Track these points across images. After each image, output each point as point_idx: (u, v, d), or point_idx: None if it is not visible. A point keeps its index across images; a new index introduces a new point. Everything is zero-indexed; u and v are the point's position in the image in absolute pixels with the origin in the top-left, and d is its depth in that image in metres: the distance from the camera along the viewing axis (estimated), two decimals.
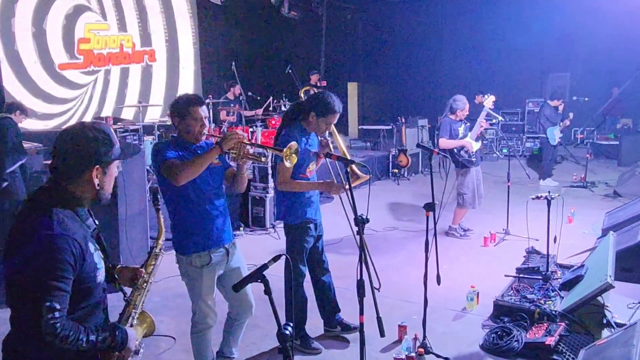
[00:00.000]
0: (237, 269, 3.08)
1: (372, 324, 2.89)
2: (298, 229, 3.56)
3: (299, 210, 3.53)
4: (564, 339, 3.31)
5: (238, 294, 2.85)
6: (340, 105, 3.51)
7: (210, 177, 2.91)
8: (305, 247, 3.59)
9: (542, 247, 4.74)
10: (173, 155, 2.79)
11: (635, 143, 11.66)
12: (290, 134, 3.43)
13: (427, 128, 11.28)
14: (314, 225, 3.61)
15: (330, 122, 3.48)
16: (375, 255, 5.44)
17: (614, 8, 11.90)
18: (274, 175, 3.63)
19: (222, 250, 2.97)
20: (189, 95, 2.94)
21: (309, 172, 3.51)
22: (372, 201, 3.06)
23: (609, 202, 7.64)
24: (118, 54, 9.43)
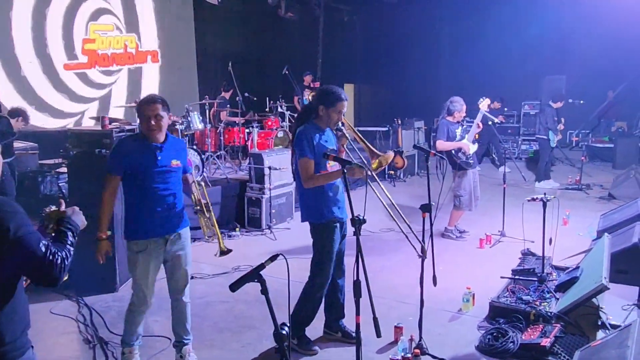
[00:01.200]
0: (177, 257, 3.31)
1: (368, 325, 2.89)
2: (325, 229, 3.52)
3: (324, 209, 3.50)
4: (559, 340, 3.32)
5: (174, 278, 3.34)
6: (345, 94, 3.53)
7: (160, 177, 3.17)
8: (333, 248, 3.56)
9: (538, 249, 4.76)
10: (118, 168, 3.16)
11: (630, 146, 11.73)
12: (305, 131, 3.46)
13: (423, 130, 11.30)
14: (340, 225, 3.58)
15: (340, 111, 3.47)
16: (372, 256, 5.48)
17: (610, 12, 11.97)
18: (296, 178, 3.61)
19: (160, 239, 3.22)
20: (146, 95, 3.26)
21: (329, 167, 3.47)
22: (369, 202, 3.06)
23: (604, 205, 7.67)
24: (122, 54, 9.51)
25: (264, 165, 6.75)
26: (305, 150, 3.40)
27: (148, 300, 3.28)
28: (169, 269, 3.35)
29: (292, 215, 7.24)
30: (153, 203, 3.15)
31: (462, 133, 6.07)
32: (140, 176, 3.13)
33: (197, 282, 5.00)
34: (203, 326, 4.04)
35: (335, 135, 3.58)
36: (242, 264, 5.29)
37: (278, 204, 6.97)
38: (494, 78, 12.75)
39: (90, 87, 9.18)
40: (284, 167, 7.06)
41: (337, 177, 3.40)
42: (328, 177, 3.41)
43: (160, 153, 3.17)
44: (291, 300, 3.23)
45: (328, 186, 3.46)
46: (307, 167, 3.39)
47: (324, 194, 3.48)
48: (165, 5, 10.36)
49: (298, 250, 5.79)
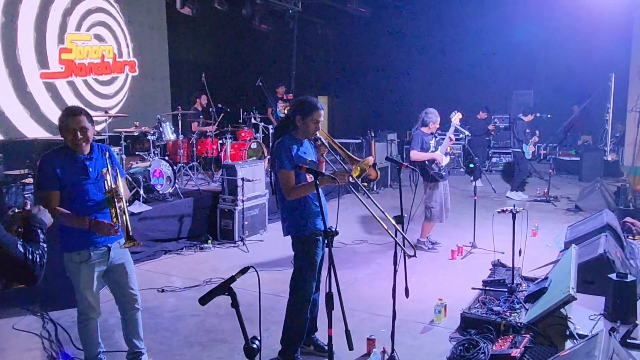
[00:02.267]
0: (121, 265, 3.29)
1: (341, 338, 2.87)
2: (307, 242, 3.48)
3: (307, 221, 3.46)
4: (529, 351, 3.35)
5: (120, 287, 3.29)
6: (321, 103, 3.54)
7: (94, 188, 3.14)
8: (316, 261, 3.52)
9: (508, 260, 4.83)
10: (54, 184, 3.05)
11: (595, 159, 12.06)
12: (282, 143, 3.44)
13: (396, 142, 11.42)
14: (322, 238, 3.53)
15: (317, 120, 3.46)
16: (345, 268, 5.48)
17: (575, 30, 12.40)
18: (275, 192, 3.57)
19: (103, 248, 3.17)
20: (67, 107, 3.18)
21: (309, 178, 3.43)
22: (342, 214, 3.06)
23: (571, 216, 7.85)
24: (99, 64, 9.42)
25: (237, 176, 6.70)
26: (284, 162, 3.38)
27: (96, 307, 3.21)
28: (115, 278, 3.30)
29: (265, 227, 7.19)
30: (91, 214, 3.09)
31: (435, 145, 6.16)
32: (74, 190, 3.07)
33: (168, 296, 4.91)
34: (173, 341, 3.96)
35: (314, 145, 3.58)
36: (213, 277, 5.21)
37: (251, 216, 6.91)
38: (465, 92, 13.03)
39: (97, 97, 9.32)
40: (257, 179, 7.03)
41: (321, 186, 3.36)
42: (309, 187, 3.38)
43: (90, 163, 3.13)
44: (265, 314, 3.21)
45: (310, 197, 3.44)
46: (287, 179, 3.37)
47: (306, 205, 3.45)
48: (138, 15, 10.26)
49: (271, 262, 5.75)
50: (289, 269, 5.24)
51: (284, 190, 3.41)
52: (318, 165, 3.56)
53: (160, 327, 4.17)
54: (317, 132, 3.48)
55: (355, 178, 3.39)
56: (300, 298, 3.50)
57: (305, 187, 3.37)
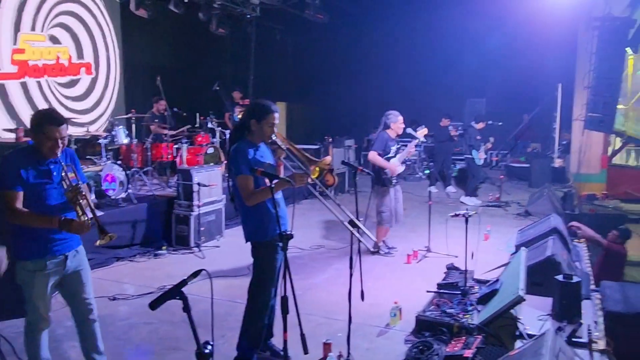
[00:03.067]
0: (76, 273, 3.15)
1: (296, 342, 2.86)
2: (268, 247, 3.44)
3: (268, 227, 3.41)
4: (481, 351, 3.44)
5: (74, 297, 3.14)
6: (276, 106, 3.52)
7: (57, 193, 2.99)
8: (275, 267, 3.48)
9: (461, 263, 4.94)
10: (17, 183, 2.87)
11: (544, 166, 12.55)
12: (239, 148, 3.40)
13: (353, 148, 11.52)
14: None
15: (272, 123, 3.45)
16: (303, 273, 5.47)
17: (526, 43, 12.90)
18: (234, 199, 3.52)
19: (60, 257, 3.03)
20: (47, 112, 3.05)
21: (268, 182, 3.41)
22: (299, 220, 3.08)
23: (521, 221, 8.11)
24: (54, 65, 9.08)
25: (193, 181, 6.59)
26: (242, 167, 3.35)
27: (46, 317, 3.07)
28: (69, 288, 3.15)
29: (222, 233, 7.10)
30: None
31: (396, 151, 6.25)
32: (36, 193, 2.92)
33: (120, 304, 4.77)
34: (125, 350, 3.85)
35: (271, 149, 3.56)
36: (168, 284, 5.09)
37: (207, 222, 6.81)
38: (421, 99, 13.30)
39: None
40: (214, 184, 6.94)
41: (278, 189, 3.33)
42: (268, 192, 3.31)
43: (55, 167, 2.99)
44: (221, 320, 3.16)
45: (270, 203, 3.41)
46: (246, 184, 3.34)
47: (266, 210, 3.42)
48: (92, 16, 9.99)
49: (228, 268, 5.68)
50: (245, 275, 5.21)
51: (242, 196, 3.37)
52: (276, 169, 3.55)
53: (112, 336, 4.04)
54: (273, 135, 3.47)
55: (314, 179, 3.40)
56: (258, 304, 3.47)
57: (264, 192, 3.34)
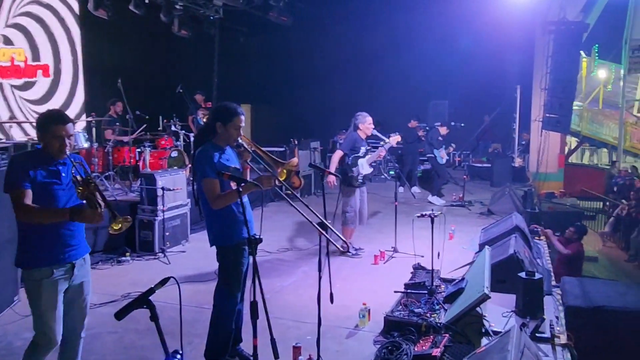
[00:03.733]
0: (80, 285, 3.04)
1: (266, 347, 2.84)
2: (233, 251, 3.39)
3: (234, 231, 3.36)
4: (449, 349, 3.49)
5: (71, 311, 2.96)
6: (242, 109, 3.49)
7: (65, 196, 2.90)
8: (241, 271, 3.44)
9: (427, 263, 5.01)
10: (26, 181, 2.77)
11: (505, 166, 12.89)
12: (204, 152, 3.35)
13: (319, 150, 11.54)
14: (248, 247, 3.42)
15: (238, 126, 3.41)
16: (270, 277, 5.43)
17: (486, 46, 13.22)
18: (198, 202, 3.46)
19: (67, 265, 2.92)
20: (52, 112, 2.96)
21: (233, 186, 3.34)
22: (266, 223, 3.06)
23: (484, 220, 8.29)
24: (9, 67, 8.74)
25: (157, 185, 6.46)
26: (207, 170, 3.29)
27: (57, 337, 2.89)
28: (69, 300, 2.99)
29: (187, 238, 6.98)
30: (59, 225, 2.83)
31: (364, 152, 6.30)
32: (44, 193, 2.81)
33: None
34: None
35: (237, 152, 3.53)
36: (132, 291, 4.98)
37: (172, 226, 6.69)
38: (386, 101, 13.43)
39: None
40: (178, 188, 6.82)
41: (245, 192, 3.28)
42: (234, 195, 3.28)
43: (64, 168, 2.90)
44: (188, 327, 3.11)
45: (236, 206, 3.37)
46: (212, 187, 3.29)
47: (231, 214, 3.37)
48: (51, 17, 9.68)
49: (194, 274, 5.59)
50: (212, 280, 5.13)
51: (208, 200, 3.32)
52: (242, 172, 3.52)
53: None
54: (239, 138, 3.44)
55: (282, 181, 3.38)
56: (225, 309, 3.43)
57: (230, 195, 3.30)
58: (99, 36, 10.83)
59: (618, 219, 11.34)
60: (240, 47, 15.19)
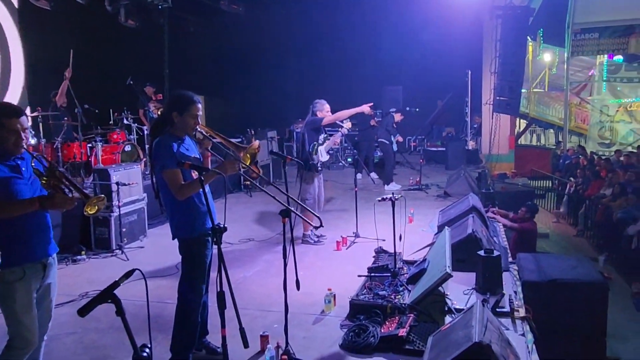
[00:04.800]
0: (48, 286, 2.96)
1: (232, 338, 2.82)
2: (196, 243, 3.33)
3: (195, 222, 3.29)
4: (414, 329, 3.55)
5: (39, 309, 2.85)
6: (197, 97, 3.41)
7: (29, 190, 2.78)
8: (205, 263, 3.38)
9: (389, 246, 5.07)
10: None
11: (459, 149, 13.20)
12: (161, 142, 3.26)
13: (276, 139, 11.47)
14: (212, 238, 3.38)
15: (195, 114, 3.34)
16: (233, 268, 5.38)
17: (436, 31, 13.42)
18: (160, 194, 3.36)
19: (38, 263, 2.84)
20: (4, 106, 2.84)
21: (194, 175, 3.27)
22: (227, 214, 3.01)
23: (441, 202, 8.48)
24: None
25: (111, 181, 6.27)
26: (167, 161, 3.21)
27: (34, 338, 2.79)
28: (37, 301, 2.87)
29: (145, 233, 6.82)
30: (27, 222, 2.72)
31: (323, 140, 6.34)
32: (6, 189, 2.68)
33: None
34: None
35: (195, 141, 3.45)
36: (90, 290, 4.83)
37: (129, 222, 6.52)
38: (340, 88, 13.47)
39: None
40: (134, 182, 6.64)
41: (210, 179, 3.22)
42: (197, 184, 3.17)
43: (23, 163, 2.79)
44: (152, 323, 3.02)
45: (197, 197, 3.30)
46: (174, 178, 3.20)
47: (193, 205, 3.30)
48: None
49: (154, 269, 5.47)
50: (173, 275, 5.06)
51: (173, 191, 3.24)
52: (203, 161, 3.45)
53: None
54: (197, 127, 3.36)
55: (247, 165, 3.34)
56: (190, 302, 3.37)
57: (194, 185, 3.22)
58: (40, 28, 10.35)
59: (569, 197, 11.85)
60: (192, 37, 14.85)
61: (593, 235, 10.53)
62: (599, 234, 10.20)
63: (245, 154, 3.43)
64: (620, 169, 11.29)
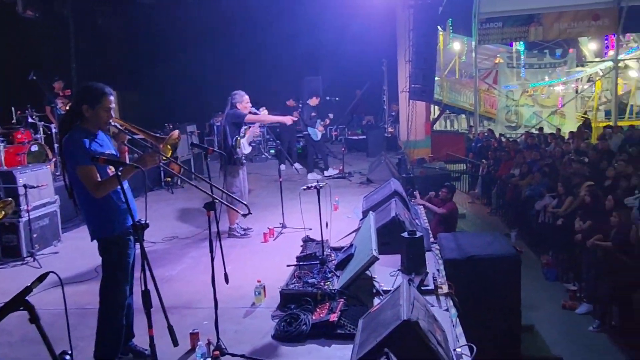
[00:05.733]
0: None
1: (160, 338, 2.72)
2: (117, 243, 3.15)
3: (115, 220, 3.11)
4: (345, 313, 3.62)
5: None
6: (110, 88, 3.23)
7: None
8: (128, 263, 3.21)
9: (316, 234, 5.12)
10: None
11: (378, 136, 13.54)
12: (72, 138, 3.05)
13: (196, 134, 11.17)
14: (133, 237, 3.20)
15: (108, 107, 3.15)
16: (157, 267, 5.19)
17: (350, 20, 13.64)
18: (74, 193, 3.14)
19: None
20: None
21: (111, 171, 3.09)
22: (148, 212, 2.89)
23: (365, 188, 8.66)
24: None
25: (18, 184, 5.82)
26: (80, 158, 3.01)
27: None
28: None
29: (59, 238, 6.41)
30: None
31: (244, 132, 6.25)
32: None
33: None
34: None
35: (110, 136, 3.27)
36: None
37: (40, 227, 6.09)
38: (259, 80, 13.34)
39: None
40: (44, 184, 6.22)
41: (127, 175, 3.06)
42: (115, 180, 3.01)
43: None
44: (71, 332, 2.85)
45: (114, 194, 3.13)
46: (89, 175, 3.01)
47: (111, 203, 3.13)
48: None
49: (71, 274, 5.15)
50: (93, 279, 4.81)
51: (89, 189, 3.05)
52: (120, 156, 3.28)
53: None
54: (111, 121, 3.19)
55: (168, 157, 3.22)
56: (113, 305, 3.21)
57: (111, 181, 3.05)
58: None
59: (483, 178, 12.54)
60: (99, 29, 14.08)
61: (505, 212, 11.24)
62: (510, 211, 10.89)
63: (165, 145, 3.30)
64: (526, 149, 12.10)
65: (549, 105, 18.13)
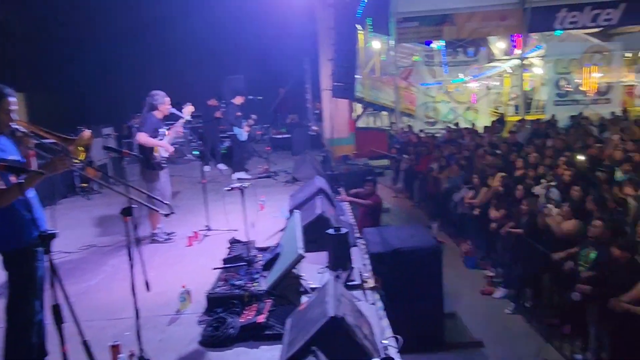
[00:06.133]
0: None
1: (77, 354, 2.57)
2: (24, 256, 2.93)
3: (21, 232, 2.89)
4: (273, 314, 3.60)
5: None
6: (10, 89, 3.00)
7: None
8: (37, 276, 2.99)
9: (242, 235, 5.05)
10: None
11: (303, 135, 13.61)
12: None
13: (113, 136, 10.66)
14: (42, 248, 2.96)
15: (9, 110, 2.94)
16: (73, 278, 4.91)
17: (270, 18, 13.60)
18: None
19: None
20: None
21: (14, 179, 2.85)
22: (62, 221, 2.73)
23: (290, 187, 8.66)
24: None
25: None
26: None
27: None
28: None
29: None
30: None
31: (163, 134, 6.03)
32: None
33: None
34: None
35: (14, 140, 3.02)
36: None
37: None
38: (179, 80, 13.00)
39: None
40: None
41: (35, 180, 2.84)
42: (16, 189, 2.82)
43: None
44: None
45: (18, 203, 2.90)
46: None
47: (15, 213, 2.91)
48: None
49: None
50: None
51: None
52: (27, 162, 3.05)
53: None
54: (13, 124, 2.96)
55: (81, 160, 3.02)
56: (22, 323, 2.99)
57: (13, 190, 2.84)
58: None
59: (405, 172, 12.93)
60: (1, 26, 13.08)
61: (426, 205, 11.66)
62: (431, 204, 11.33)
63: (76, 147, 3.10)
64: (443, 143, 12.63)
65: (464, 102, 19.02)
